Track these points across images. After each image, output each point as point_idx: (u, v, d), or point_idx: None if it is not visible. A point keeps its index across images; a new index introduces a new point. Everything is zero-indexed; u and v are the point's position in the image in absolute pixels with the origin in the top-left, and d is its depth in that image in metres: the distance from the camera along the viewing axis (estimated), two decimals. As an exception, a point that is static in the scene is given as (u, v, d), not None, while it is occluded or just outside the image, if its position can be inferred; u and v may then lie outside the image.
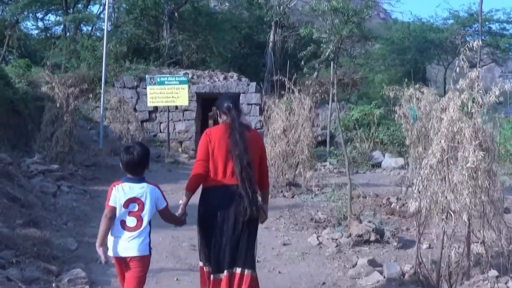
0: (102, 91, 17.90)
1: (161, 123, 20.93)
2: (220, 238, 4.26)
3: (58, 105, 13.03)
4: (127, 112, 18.19)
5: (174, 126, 20.78)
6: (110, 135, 18.10)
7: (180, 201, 4.44)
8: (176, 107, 20.54)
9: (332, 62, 17.50)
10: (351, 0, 23.46)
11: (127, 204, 3.92)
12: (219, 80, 21.99)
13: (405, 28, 36.03)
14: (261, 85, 25.47)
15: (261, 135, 6.44)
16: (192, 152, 19.85)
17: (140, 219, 3.93)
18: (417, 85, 10.16)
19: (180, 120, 20.91)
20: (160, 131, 20.90)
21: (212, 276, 4.30)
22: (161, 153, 18.80)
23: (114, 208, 3.91)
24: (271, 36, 31.78)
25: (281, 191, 11.48)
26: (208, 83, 21.60)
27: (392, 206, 10.37)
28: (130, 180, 3.98)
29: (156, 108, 20.56)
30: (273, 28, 31.75)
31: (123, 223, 3.94)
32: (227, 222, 4.25)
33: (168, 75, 19.69)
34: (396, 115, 10.58)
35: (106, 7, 19.09)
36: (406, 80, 11.13)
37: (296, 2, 33.06)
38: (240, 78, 22.43)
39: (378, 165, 18.18)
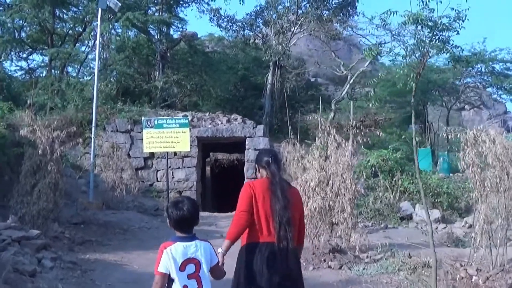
0: (92, 136, 15.92)
1: (158, 171, 19.23)
2: None
3: (40, 151, 10.53)
4: (120, 159, 16.57)
5: (172, 174, 18.94)
6: (101, 185, 16.11)
7: (219, 250, 4.19)
8: (175, 153, 18.67)
9: (412, 97, 14.95)
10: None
11: (184, 267, 3.73)
12: (221, 123, 20.28)
13: (408, 70, 34.25)
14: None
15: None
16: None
17: (199, 281, 3.76)
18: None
19: (179, 167, 19.14)
20: (157, 180, 19.14)
21: None
22: (159, 205, 16.81)
23: (166, 275, 3.69)
24: (269, 77, 30.04)
25: (324, 260, 9.03)
26: (210, 126, 19.92)
27: (473, 280, 7.95)
28: (182, 239, 3.80)
29: (152, 154, 18.80)
30: (271, 68, 30.25)
31: None
32: (273, 281, 4.16)
33: (167, 117, 17.49)
34: (462, 163, 8.34)
35: (98, 40, 16.78)
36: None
37: (296, 42, 31.47)
38: (245, 120, 20.77)
39: (407, 218, 15.81)
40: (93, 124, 16.13)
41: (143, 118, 17.06)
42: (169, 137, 16.06)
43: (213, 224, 14.47)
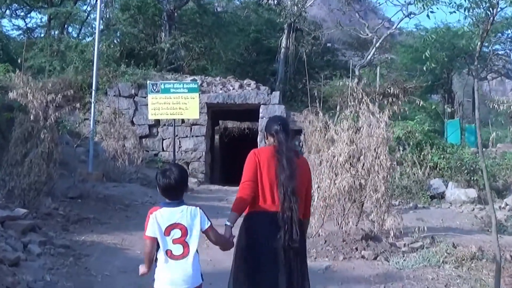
0: (92, 100, 15.10)
1: (163, 139, 18.73)
2: (271, 266, 4.15)
3: (32, 117, 9.48)
4: (123, 126, 15.66)
5: (179, 144, 18.44)
6: (102, 155, 15.25)
7: (227, 222, 4.17)
8: (183, 120, 18.19)
9: (476, 59, 13.81)
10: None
11: (169, 231, 3.76)
12: (233, 89, 19.45)
13: (432, 34, 32.94)
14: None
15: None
16: (202, 176, 17.38)
17: (186, 245, 3.77)
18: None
19: (187, 136, 18.61)
20: (163, 150, 18.66)
21: None
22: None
23: (154, 239, 3.76)
24: (283, 40, 28.85)
25: (356, 249, 8.03)
26: (221, 92, 19.11)
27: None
28: (168, 204, 3.84)
29: (158, 121, 18.39)
30: (285, 31, 29.06)
31: (169, 253, 3.77)
32: (276, 250, 4.13)
33: (175, 81, 16.56)
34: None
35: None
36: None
37: (313, 2, 30.15)
38: (259, 86, 19.87)
39: (439, 196, 14.78)
40: (94, 87, 15.26)
41: (148, 82, 16.19)
42: (176, 103, 15.22)
43: (224, 199, 13.59)
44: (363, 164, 9.17)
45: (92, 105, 15.10)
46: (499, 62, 38.41)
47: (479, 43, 6.17)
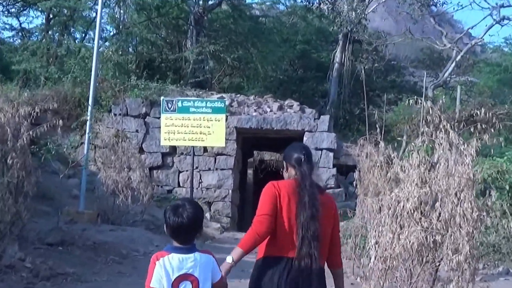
0: (88, 117, 14.52)
1: (180, 172, 18.19)
2: None
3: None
4: (127, 153, 14.86)
5: (200, 178, 17.94)
6: (99, 189, 14.53)
7: (230, 260, 4.17)
8: (205, 149, 17.79)
9: None
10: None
11: (177, 284, 3.73)
12: (271, 111, 18.96)
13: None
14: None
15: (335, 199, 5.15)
16: (227, 221, 17.04)
17: None
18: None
19: (210, 169, 18.06)
20: (179, 185, 18.13)
21: None
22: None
23: None
24: (337, 54, 28.41)
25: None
26: (255, 114, 18.59)
27: None
28: (178, 250, 3.80)
29: (174, 149, 18.01)
30: (340, 43, 28.67)
31: None
32: None
33: (196, 99, 16.16)
34: None
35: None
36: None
37: (375, 8, 29.49)
38: (303, 109, 19.38)
39: None
40: (90, 100, 14.66)
41: (162, 98, 15.60)
42: (197, 125, 14.96)
43: (254, 252, 12.60)
44: (439, 214, 8.12)
45: (88, 123, 14.49)
46: None
47: None
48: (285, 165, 4.59)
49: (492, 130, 9.57)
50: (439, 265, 8.21)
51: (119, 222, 13.76)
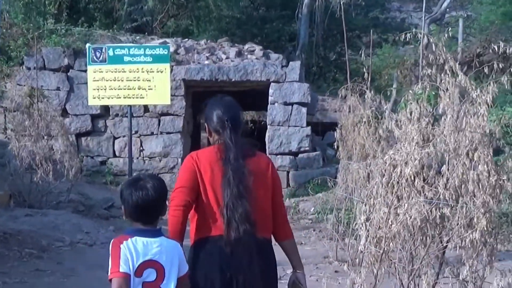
0: None
1: (115, 138, 17.90)
2: None
3: None
4: (47, 116, 14.46)
5: (141, 146, 17.74)
6: (11, 163, 14.17)
7: None
8: (146, 108, 17.72)
9: None
10: None
11: (141, 271, 3.83)
12: (227, 58, 18.62)
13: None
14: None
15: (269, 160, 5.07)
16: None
17: None
18: None
19: (153, 133, 17.83)
20: (114, 155, 17.89)
21: None
22: (116, 199, 14.88)
23: (129, 276, 3.78)
24: None
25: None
26: (207, 62, 18.18)
27: None
28: (142, 233, 3.90)
29: (106, 109, 17.78)
30: None
31: None
32: None
33: (132, 45, 15.98)
34: None
35: None
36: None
37: None
38: (268, 54, 19.03)
39: None
40: None
41: (88, 45, 15.05)
42: (134, 79, 14.71)
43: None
44: (447, 180, 7.73)
45: (-8, 81, 13.81)
46: None
47: None
48: (206, 128, 4.71)
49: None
50: (447, 245, 7.89)
51: (39, 205, 13.39)
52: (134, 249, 3.81)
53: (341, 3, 27.62)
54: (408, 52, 26.21)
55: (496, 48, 8.37)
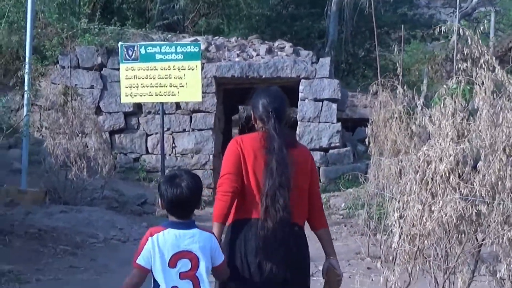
0: (26, 71, 13.66)
1: (148, 135, 17.67)
2: None
3: None
4: (80, 114, 14.22)
5: (173, 142, 17.48)
6: (47, 161, 13.91)
7: None
8: (178, 105, 17.34)
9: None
10: None
11: (175, 262, 3.91)
12: (258, 55, 18.24)
13: None
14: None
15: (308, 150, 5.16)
16: (208, 193, 16.31)
17: (196, 283, 3.96)
18: None
19: (185, 130, 17.60)
20: (147, 152, 17.64)
21: None
22: (149, 195, 14.98)
23: (146, 271, 3.92)
24: None
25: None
26: (238, 59, 17.88)
27: None
28: (175, 225, 4.01)
29: (139, 107, 17.58)
30: None
31: None
32: (264, 272, 4.32)
33: (163, 43, 15.68)
34: None
35: None
36: None
37: None
38: (298, 51, 18.62)
39: None
40: (27, 49, 13.99)
41: (120, 43, 14.85)
42: (165, 76, 14.58)
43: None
44: (483, 177, 7.38)
45: (26, 79, 13.72)
46: None
47: None
48: (252, 116, 4.73)
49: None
50: (483, 243, 7.54)
51: (74, 202, 13.17)
52: (164, 242, 3.90)
53: (370, 0, 27.67)
54: (437, 48, 25.88)
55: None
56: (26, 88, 13.71)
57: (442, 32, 9.24)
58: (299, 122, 17.19)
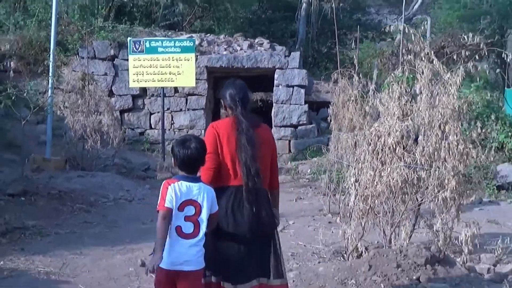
0: (50, 60, 13.08)
1: (151, 114, 16.98)
2: (239, 246, 4.43)
3: None
4: (95, 96, 13.55)
5: (172, 119, 16.84)
6: (67, 134, 13.29)
7: None
8: (176, 89, 16.67)
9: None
10: None
11: (183, 207, 4.00)
12: (241, 49, 17.61)
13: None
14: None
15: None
16: None
17: (197, 225, 4.04)
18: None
19: (181, 110, 16.89)
20: (150, 127, 16.97)
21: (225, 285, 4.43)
22: (151, 163, 14.34)
23: (171, 210, 3.93)
24: None
25: (419, 280, 5.95)
26: (225, 53, 17.25)
27: None
28: (186, 178, 4.06)
29: (144, 91, 16.76)
30: None
31: (178, 230, 4.00)
32: (241, 225, 4.41)
33: (164, 38, 15.06)
34: None
35: None
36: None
37: None
38: (274, 46, 17.97)
39: (509, 186, 12.77)
40: (52, 42, 13.37)
41: (129, 38, 14.39)
42: (166, 66, 14.19)
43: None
44: (423, 148, 7.06)
45: (50, 66, 13.13)
46: None
47: None
48: (223, 104, 4.74)
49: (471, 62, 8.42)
50: (422, 202, 7.23)
51: (90, 168, 12.58)
52: (179, 190, 3.95)
53: (331, 7, 27.19)
54: (384, 46, 25.42)
55: (466, 38, 7.71)
56: (50, 74, 13.13)
57: (389, 33, 8.87)
58: (274, 104, 16.67)
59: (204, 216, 4.05)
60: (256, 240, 4.47)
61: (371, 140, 7.27)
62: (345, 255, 7.16)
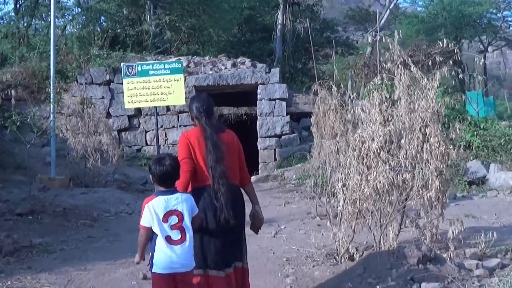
0: (51, 87, 12.61)
1: (147, 132, 16.37)
2: (219, 237, 4.46)
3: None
4: (94, 118, 13.15)
5: (166, 136, 16.24)
6: (70, 155, 12.59)
7: None
8: (168, 108, 16.12)
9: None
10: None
11: (166, 218, 4.02)
12: (226, 68, 17.04)
13: (438, 3, 30.59)
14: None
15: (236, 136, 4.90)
16: None
17: (183, 230, 4.06)
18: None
19: (174, 126, 16.29)
20: (146, 144, 16.33)
21: (210, 273, 4.48)
22: (149, 177, 12.80)
23: (149, 229, 3.98)
24: (279, 16, 27.28)
25: (412, 279, 5.40)
26: (211, 72, 16.70)
27: None
28: (164, 193, 4.10)
29: (139, 111, 16.18)
30: (281, 6, 27.08)
31: (169, 239, 4.01)
32: (216, 223, 4.44)
33: (155, 62, 14.45)
34: None
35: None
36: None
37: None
38: (255, 64, 17.48)
39: (479, 182, 12.28)
40: (51, 70, 12.78)
41: (122, 64, 13.76)
42: (157, 87, 13.31)
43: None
44: (406, 152, 6.62)
45: (51, 92, 12.62)
46: (509, 29, 36.06)
47: None
48: (190, 116, 4.76)
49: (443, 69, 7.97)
50: (406, 202, 6.75)
51: (92, 184, 12.00)
52: (157, 206, 3.94)
53: (303, 27, 26.85)
54: (353, 59, 25.10)
55: (442, 45, 7.25)
56: (51, 100, 12.67)
57: (356, 48, 8.36)
58: (258, 117, 16.09)
59: (187, 221, 4.05)
60: (232, 230, 4.47)
61: (355, 146, 6.80)
62: (337, 257, 6.66)
